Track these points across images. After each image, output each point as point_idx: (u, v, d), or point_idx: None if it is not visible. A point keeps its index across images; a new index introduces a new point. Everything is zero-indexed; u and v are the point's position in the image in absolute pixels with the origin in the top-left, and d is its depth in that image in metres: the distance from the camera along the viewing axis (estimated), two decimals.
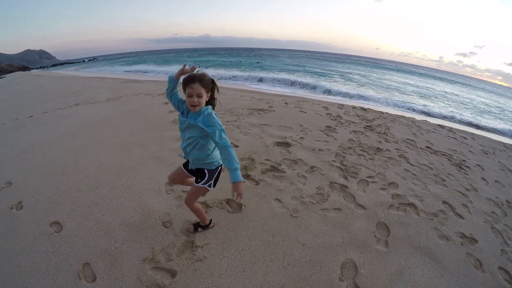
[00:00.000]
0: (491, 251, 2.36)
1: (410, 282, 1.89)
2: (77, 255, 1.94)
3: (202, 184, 1.82)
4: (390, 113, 7.83)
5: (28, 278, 1.76)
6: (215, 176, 1.83)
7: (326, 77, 18.00)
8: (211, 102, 1.76)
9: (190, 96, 1.61)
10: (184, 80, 1.65)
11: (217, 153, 1.79)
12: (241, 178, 1.57)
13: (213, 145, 1.74)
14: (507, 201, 3.38)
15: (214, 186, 1.85)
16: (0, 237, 2.13)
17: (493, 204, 3.21)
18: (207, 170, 1.80)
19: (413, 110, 10.75)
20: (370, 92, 13.31)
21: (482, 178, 3.97)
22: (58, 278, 1.76)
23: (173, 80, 1.79)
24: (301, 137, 4.32)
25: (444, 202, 2.99)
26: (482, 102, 18.97)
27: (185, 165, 1.94)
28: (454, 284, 1.94)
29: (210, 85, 1.68)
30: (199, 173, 1.84)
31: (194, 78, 1.60)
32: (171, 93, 1.83)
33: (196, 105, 1.61)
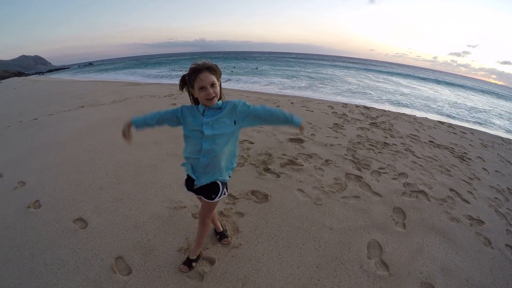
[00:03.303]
0: (498, 231, 2.59)
1: (430, 258, 2.10)
2: (108, 249, 1.92)
3: (218, 198, 1.56)
4: (392, 111, 8.11)
5: (56, 275, 1.72)
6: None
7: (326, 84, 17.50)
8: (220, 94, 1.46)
9: (203, 89, 1.34)
10: (187, 75, 1.40)
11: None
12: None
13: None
14: (508, 188, 3.63)
15: (227, 191, 1.64)
16: (19, 236, 2.07)
17: (496, 191, 3.45)
18: (221, 182, 1.54)
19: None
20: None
21: (483, 168, 4.21)
22: (90, 273, 1.74)
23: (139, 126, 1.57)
24: (312, 134, 4.53)
25: (451, 190, 3.22)
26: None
27: (190, 186, 1.60)
28: (468, 259, 2.16)
29: (218, 71, 1.41)
30: (209, 188, 1.54)
31: (199, 68, 1.33)
32: (157, 124, 1.63)
33: (214, 96, 1.36)
